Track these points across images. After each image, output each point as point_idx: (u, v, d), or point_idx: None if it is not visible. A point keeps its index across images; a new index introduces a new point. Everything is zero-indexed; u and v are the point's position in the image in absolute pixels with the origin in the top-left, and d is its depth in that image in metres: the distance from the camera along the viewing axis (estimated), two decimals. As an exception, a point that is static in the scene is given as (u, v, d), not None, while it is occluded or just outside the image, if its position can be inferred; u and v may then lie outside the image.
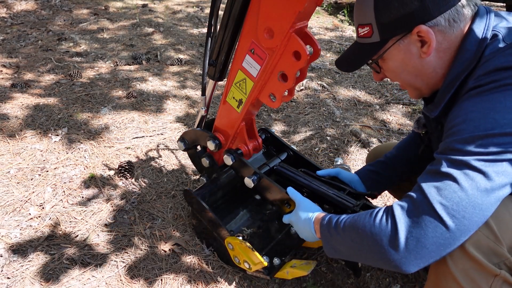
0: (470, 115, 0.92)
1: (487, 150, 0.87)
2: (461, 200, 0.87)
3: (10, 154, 2.26)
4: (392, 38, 1.04)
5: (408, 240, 0.91)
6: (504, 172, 0.87)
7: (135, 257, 1.68)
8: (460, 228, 0.88)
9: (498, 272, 0.93)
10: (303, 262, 1.53)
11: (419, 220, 0.90)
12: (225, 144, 1.64)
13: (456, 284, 0.96)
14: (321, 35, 4.83)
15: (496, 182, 0.87)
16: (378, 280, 1.63)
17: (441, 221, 0.88)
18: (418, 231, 0.90)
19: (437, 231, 0.88)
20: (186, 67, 3.67)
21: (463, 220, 0.87)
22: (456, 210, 0.87)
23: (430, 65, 1.05)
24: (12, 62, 3.53)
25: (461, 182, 0.88)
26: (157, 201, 2.01)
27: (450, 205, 0.88)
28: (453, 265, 0.95)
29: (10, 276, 1.56)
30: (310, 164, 1.70)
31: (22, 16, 4.89)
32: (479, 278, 0.94)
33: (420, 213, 0.90)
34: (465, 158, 0.88)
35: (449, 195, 0.88)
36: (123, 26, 4.70)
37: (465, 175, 0.88)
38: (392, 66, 1.10)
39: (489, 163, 0.87)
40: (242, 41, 1.38)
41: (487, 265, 0.92)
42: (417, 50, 1.03)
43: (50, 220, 1.84)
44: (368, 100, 3.16)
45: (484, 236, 0.92)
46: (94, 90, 3.07)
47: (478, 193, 0.87)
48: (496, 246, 0.92)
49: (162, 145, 2.46)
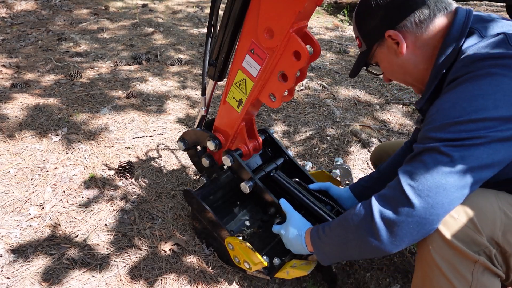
0: (442, 105, 1.01)
1: (455, 136, 0.94)
2: (426, 181, 0.94)
3: (10, 154, 2.26)
4: (374, 45, 1.20)
5: (383, 222, 0.99)
6: (471, 156, 0.93)
7: (135, 257, 1.68)
8: (425, 206, 0.94)
9: (477, 258, 0.98)
10: (303, 262, 1.53)
11: (391, 202, 0.99)
12: (225, 144, 1.64)
13: (440, 273, 1.01)
14: (321, 35, 4.83)
15: (461, 165, 0.93)
16: (378, 280, 1.63)
17: (408, 200, 0.95)
18: (390, 213, 0.98)
19: (405, 210, 0.96)
20: (186, 67, 3.67)
21: (427, 199, 0.94)
22: (421, 190, 0.94)
23: (410, 62, 1.16)
24: (12, 62, 3.53)
25: (429, 165, 0.95)
26: (157, 201, 2.01)
27: (416, 185, 0.95)
28: (436, 254, 1.00)
29: (10, 276, 1.56)
30: (302, 174, 1.72)
31: (22, 16, 4.89)
32: (460, 266, 0.99)
33: (392, 196, 1.00)
34: (435, 145, 0.96)
35: (416, 177, 0.96)
36: (123, 26, 4.70)
37: (433, 159, 0.95)
38: (383, 67, 1.26)
39: (457, 148, 0.93)
40: (242, 41, 1.38)
41: (467, 252, 0.97)
42: (395, 51, 1.16)
43: (50, 220, 1.84)
44: (368, 100, 3.16)
45: (464, 226, 0.98)
46: (94, 90, 3.07)
47: (443, 175, 0.93)
48: (476, 235, 0.97)
49: (162, 145, 2.46)
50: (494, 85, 0.94)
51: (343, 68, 3.79)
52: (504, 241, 0.99)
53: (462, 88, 0.98)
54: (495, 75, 0.95)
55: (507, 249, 0.99)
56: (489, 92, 0.94)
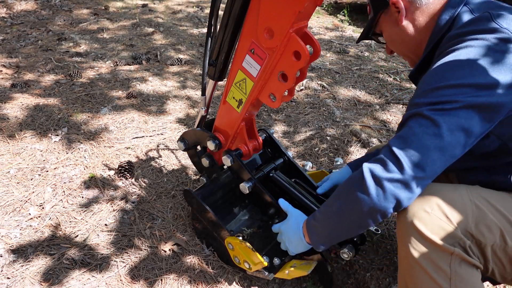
0: (426, 77, 1.09)
1: (436, 100, 1.02)
2: (411, 142, 1.01)
3: (10, 154, 2.26)
4: (379, 12, 1.27)
5: (373, 178, 1.04)
6: (450, 118, 1.00)
7: (135, 257, 1.68)
8: (411, 165, 1.00)
9: (453, 250, 1.01)
10: (303, 262, 1.53)
11: (380, 161, 1.05)
12: (225, 144, 1.64)
13: (420, 268, 1.04)
14: (321, 35, 4.83)
15: (442, 127, 0.99)
16: (378, 280, 1.63)
17: (397, 159, 1.01)
18: (379, 170, 1.04)
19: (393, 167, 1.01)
20: (186, 67, 3.67)
21: (413, 158, 1.00)
22: (407, 151, 1.01)
23: (407, 31, 1.24)
24: (12, 62, 3.53)
25: (414, 128, 1.02)
26: (157, 201, 2.01)
27: (403, 147, 1.02)
28: (414, 250, 1.04)
29: (10, 276, 1.56)
30: (302, 175, 1.72)
31: (22, 16, 4.89)
32: (438, 259, 1.02)
33: (382, 157, 1.05)
34: (419, 109, 1.03)
35: (404, 140, 1.03)
36: (123, 26, 4.70)
37: (418, 123, 1.02)
38: (386, 36, 1.33)
39: (437, 111, 1.00)
40: (242, 41, 1.38)
41: (442, 244, 1.00)
42: (396, 20, 1.24)
43: (50, 220, 1.84)
44: (368, 100, 3.16)
45: (438, 219, 1.02)
46: (94, 90, 3.07)
47: (427, 136, 1.00)
48: (449, 226, 1.02)
49: (162, 145, 2.46)
50: (471, 56, 1.03)
51: (343, 68, 3.79)
52: (477, 232, 1.02)
53: (443, 60, 1.07)
54: (473, 47, 1.04)
55: (481, 240, 1.03)
56: (467, 62, 1.02)
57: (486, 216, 1.03)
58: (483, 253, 1.05)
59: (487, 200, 1.06)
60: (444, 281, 1.02)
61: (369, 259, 1.74)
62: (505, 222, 1.04)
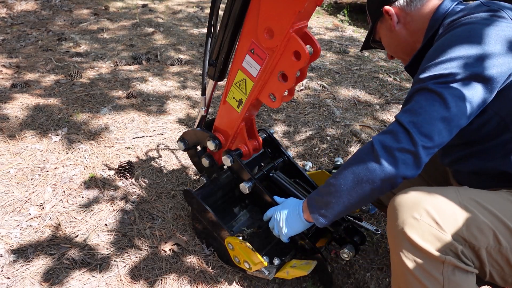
0: (428, 55, 1.15)
1: (439, 73, 1.06)
2: (419, 115, 1.05)
3: (10, 154, 2.26)
4: (376, 21, 1.38)
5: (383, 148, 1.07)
6: (455, 91, 1.04)
7: (135, 257, 1.68)
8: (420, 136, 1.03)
9: (444, 258, 0.99)
10: (303, 262, 1.53)
11: (391, 133, 1.08)
12: (225, 144, 1.64)
13: (412, 276, 1.04)
14: (321, 35, 4.83)
15: (447, 98, 1.03)
16: (378, 280, 1.63)
17: (406, 130, 1.04)
18: (390, 140, 1.06)
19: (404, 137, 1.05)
20: (186, 67, 3.67)
21: (421, 129, 1.03)
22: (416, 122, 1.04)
23: (401, 35, 1.34)
24: (12, 62, 3.53)
25: (420, 102, 1.07)
26: (157, 201, 2.01)
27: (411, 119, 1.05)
28: (406, 258, 1.03)
29: (10, 276, 1.56)
30: (302, 175, 1.72)
31: (22, 16, 4.89)
32: (430, 267, 1.01)
33: (391, 129, 1.09)
34: (424, 84, 1.08)
35: (411, 113, 1.06)
36: (123, 26, 4.70)
37: (424, 97, 1.07)
38: (384, 42, 1.42)
39: (441, 84, 1.05)
40: (242, 41, 1.38)
41: (433, 252, 1.00)
42: (390, 26, 1.34)
43: (50, 220, 1.84)
44: (368, 100, 3.16)
45: (428, 226, 1.01)
46: (94, 90, 3.07)
47: (434, 108, 1.04)
48: (439, 233, 1.00)
49: (162, 145, 2.46)
50: (468, 31, 1.10)
51: (343, 68, 3.79)
52: (469, 236, 1.01)
53: (443, 39, 1.14)
54: (469, 24, 1.12)
55: (474, 243, 1.01)
56: (465, 36, 1.09)
57: (477, 218, 1.02)
58: (478, 256, 1.03)
59: (477, 202, 1.05)
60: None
61: (369, 259, 1.74)
62: (497, 222, 1.02)
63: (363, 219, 1.61)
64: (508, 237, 1.02)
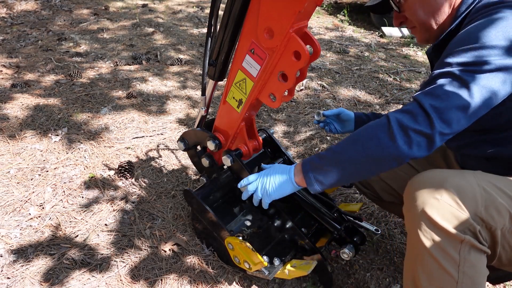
0: (459, 37, 1.10)
1: (468, 60, 1.03)
2: (442, 100, 1.02)
3: (10, 154, 2.26)
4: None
5: (400, 127, 1.05)
6: (482, 81, 1.01)
7: (135, 257, 1.68)
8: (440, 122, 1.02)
9: (463, 237, 1.01)
10: (303, 262, 1.53)
11: (410, 114, 1.05)
12: (225, 144, 1.64)
13: (429, 254, 1.04)
14: (321, 35, 4.83)
15: (474, 89, 1.01)
16: (378, 280, 1.63)
17: (427, 114, 1.03)
18: (409, 121, 1.05)
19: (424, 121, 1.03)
20: (186, 67, 3.67)
21: (442, 116, 1.02)
22: (437, 107, 1.02)
23: (440, 1, 1.21)
24: (12, 62, 3.53)
25: (445, 86, 1.04)
26: (157, 201, 2.01)
27: (434, 103, 1.03)
28: (424, 236, 1.04)
29: (10, 276, 1.56)
30: None
31: (22, 16, 4.89)
32: (448, 246, 1.02)
33: (411, 109, 1.06)
34: (451, 69, 1.04)
35: (434, 97, 1.04)
36: (123, 26, 4.70)
37: (449, 82, 1.04)
38: (411, 2, 1.25)
39: (470, 73, 1.02)
40: (242, 41, 1.38)
41: (452, 231, 1.01)
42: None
43: (50, 220, 1.84)
44: (368, 100, 3.16)
45: (448, 205, 1.02)
46: (94, 90, 3.07)
47: (457, 96, 1.01)
48: (459, 212, 1.01)
49: (162, 145, 2.46)
50: (504, 20, 1.04)
51: (343, 68, 3.79)
52: (487, 216, 1.02)
53: (476, 24, 1.08)
54: (505, 12, 1.06)
55: (492, 223, 1.03)
56: (500, 25, 1.04)
57: (495, 200, 1.03)
58: (493, 236, 1.05)
59: (494, 184, 1.06)
60: (452, 267, 1.03)
61: (369, 259, 1.74)
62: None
63: (363, 219, 1.61)
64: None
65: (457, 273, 1.03)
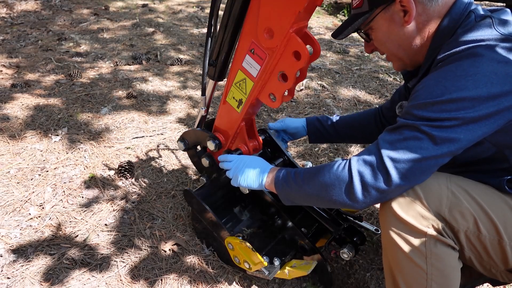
0: (427, 83, 1.05)
1: (435, 116, 1.00)
2: (404, 154, 1.02)
3: (10, 154, 2.26)
4: (378, 7, 1.15)
5: (361, 184, 1.07)
6: (449, 137, 0.99)
7: (135, 257, 1.68)
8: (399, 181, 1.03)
9: (426, 230, 1.05)
10: (303, 262, 1.53)
11: (371, 168, 1.06)
12: (225, 144, 1.64)
13: (399, 250, 1.09)
14: (321, 35, 4.83)
15: (439, 145, 1.00)
16: (378, 280, 1.63)
17: (386, 171, 1.03)
18: (369, 177, 1.06)
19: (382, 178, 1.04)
20: (186, 67, 3.67)
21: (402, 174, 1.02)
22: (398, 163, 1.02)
23: (410, 35, 1.15)
24: (12, 62, 3.53)
25: (409, 141, 1.02)
26: (157, 201, 2.01)
27: (395, 158, 1.03)
28: (393, 232, 1.09)
29: (10, 276, 1.56)
30: None
31: (22, 16, 4.89)
32: (414, 240, 1.07)
33: (373, 162, 1.06)
34: (416, 122, 1.02)
35: (396, 150, 1.03)
36: (123, 26, 4.70)
37: (413, 136, 1.02)
38: (379, 35, 1.22)
39: (436, 128, 0.99)
40: (242, 41, 1.38)
41: (416, 224, 1.06)
42: (399, 20, 1.13)
43: (50, 220, 1.84)
44: (368, 100, 3.16)
45: (412, 202, 1.07)
46: (94, 90, 3.07)
47: (421, 154, 1.00)
48: (422, 210, 1.06)
49: (162, 145, 2.46)
50: (475, 66, 0.99)
51: (343, 68, 3.79)
52: (450, 217, 1.06)
53: (446, 68, 1.03)
54: (477, 56, 1.00)
55: (454, 224, 1.07)
56: (470, 73, 0.99)
57: (460, 203, 1.06)
58: (457, 238, 1.09)
59: (465, 190, 1.09)
60: (421, 260, 1.07)
61: (369, 259, 1.75)
62: (479, 211, 1.07)
63: (363, 219, 1.61)
64: (488, 227, 1.06)
65: (425, 265, 1.08)
